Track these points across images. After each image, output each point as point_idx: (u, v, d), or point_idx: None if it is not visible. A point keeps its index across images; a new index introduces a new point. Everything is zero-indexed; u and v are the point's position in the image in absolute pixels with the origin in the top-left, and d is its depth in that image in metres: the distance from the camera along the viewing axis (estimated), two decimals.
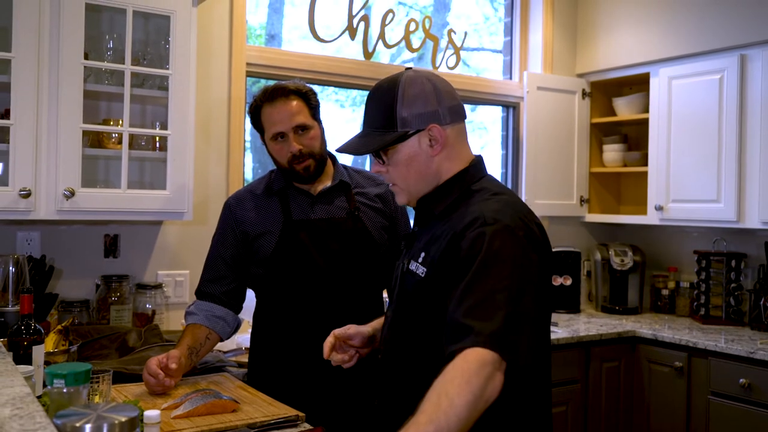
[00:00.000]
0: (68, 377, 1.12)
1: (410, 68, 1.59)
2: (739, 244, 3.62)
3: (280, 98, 2.10)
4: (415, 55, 3.79)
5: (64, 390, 1.12)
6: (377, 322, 1.82)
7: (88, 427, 0.98)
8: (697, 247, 3.77)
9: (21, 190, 2.24)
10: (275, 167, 2.23)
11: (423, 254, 1.53)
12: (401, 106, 1.51)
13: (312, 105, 2.15)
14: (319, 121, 2.19)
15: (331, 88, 3.66)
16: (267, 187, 2.22)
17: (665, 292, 3.91)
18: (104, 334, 2.45)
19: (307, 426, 1.73)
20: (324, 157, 2.18)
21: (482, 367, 1.26)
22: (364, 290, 2.17)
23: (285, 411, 1.80)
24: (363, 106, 1.61)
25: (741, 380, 2.92)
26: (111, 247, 2.78)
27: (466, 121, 1.61)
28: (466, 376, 1.25)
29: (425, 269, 1.50)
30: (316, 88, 2.40)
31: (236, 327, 2.25)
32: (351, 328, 1.77)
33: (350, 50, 3.55)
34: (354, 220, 2.15)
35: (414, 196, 1.59)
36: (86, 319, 2.61)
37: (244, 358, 2.46)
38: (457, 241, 1.44)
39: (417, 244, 1.58)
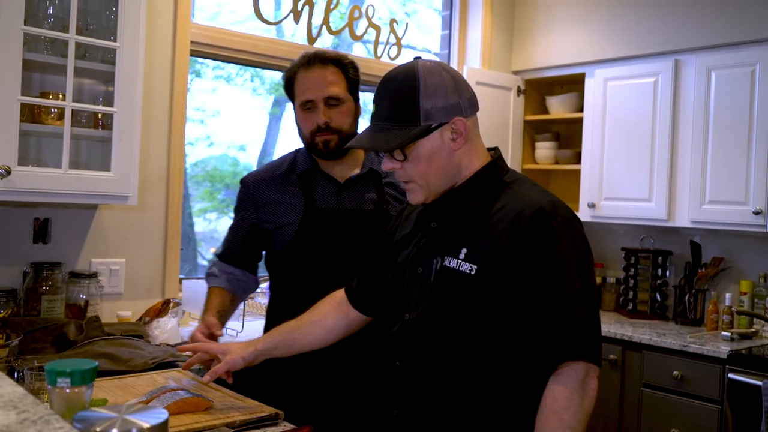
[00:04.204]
0: (74, 376, 0.98)
1: (419, 58, 1.50)
2: (664, 241, 3.78)
3: (317, 65, 1.97)
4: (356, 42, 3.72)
5: (67, 390, 0.99)
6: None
7: None
8: (624, 244, 3.91)
9: None
10: (302, 147, 2.09)
11: (465, 250, 1.44)
12: (423, 98, 1.41)
13: (350, 78, 2.00)
14: (356, 98, 2.02)
15: (248, 74, 3.54)
16: (289, 168, 2.07)
17: None
18: (38, 326, 2.25)
19: (288, 425, 1.64)
20: (351, 137, 1.95)
21: (585, 383, 1.38)
22: None
23: (261, 409, 1.70)
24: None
25: (674, 372, 3.04)
26: (40, 231, 2.55)
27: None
28: (577, 399, 1.36)
29: (474, 266, 1.42)
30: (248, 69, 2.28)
31: (255, 289, 2.21)
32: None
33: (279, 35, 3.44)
34: (383, 215, 1.97)
35: (432, 194, 1.49)
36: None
37: None
38: (522, 235, 1.40)
39: (444, 240, 1.50)
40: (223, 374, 1.72)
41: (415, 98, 1.41)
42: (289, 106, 2.09)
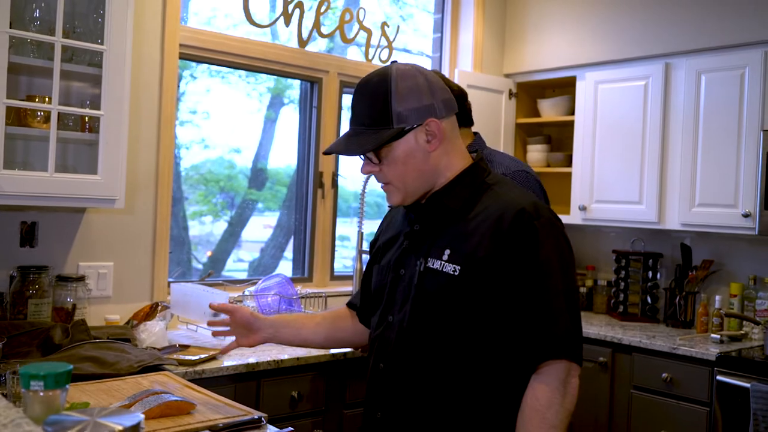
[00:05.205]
0: (48, 379, 0.98)
1: (396, 62, 1.51)
2: (655, 244, 3.78)
3: None
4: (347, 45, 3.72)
5: (41, 393, 0.98)
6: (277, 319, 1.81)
7: None
8: (615, 247, 3.91)
9: None
10: None
11: (448, 251, 1.45)
12: (396, 101, 1.43)
13: None
14: None
15: (243, 77, 3.52)
16: None
17: (583, 290, 4.03)
18: (24, 330, 2.24)
19: (271, 428, 1.63)
20: None
21: (566, 382, 1.39)
22: None
23: (244, 411, 1.69)
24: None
25: (663, 375, 3.04)
26: (27, 235, 2.55)
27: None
28: (559, 398, 1.38)
29: (458, 267, 1.43)
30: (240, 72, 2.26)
31: None
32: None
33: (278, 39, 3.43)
34: None
35: (410, 196, 1.51)
36: None
37: (183, 356, 2.32)
38: (504, 236, 1.41)
39: (427, 241, 1.51)
40: (226, 308, 1.80)
41: (388, 101, 1.43)
42: (284, 110, 2.08)
